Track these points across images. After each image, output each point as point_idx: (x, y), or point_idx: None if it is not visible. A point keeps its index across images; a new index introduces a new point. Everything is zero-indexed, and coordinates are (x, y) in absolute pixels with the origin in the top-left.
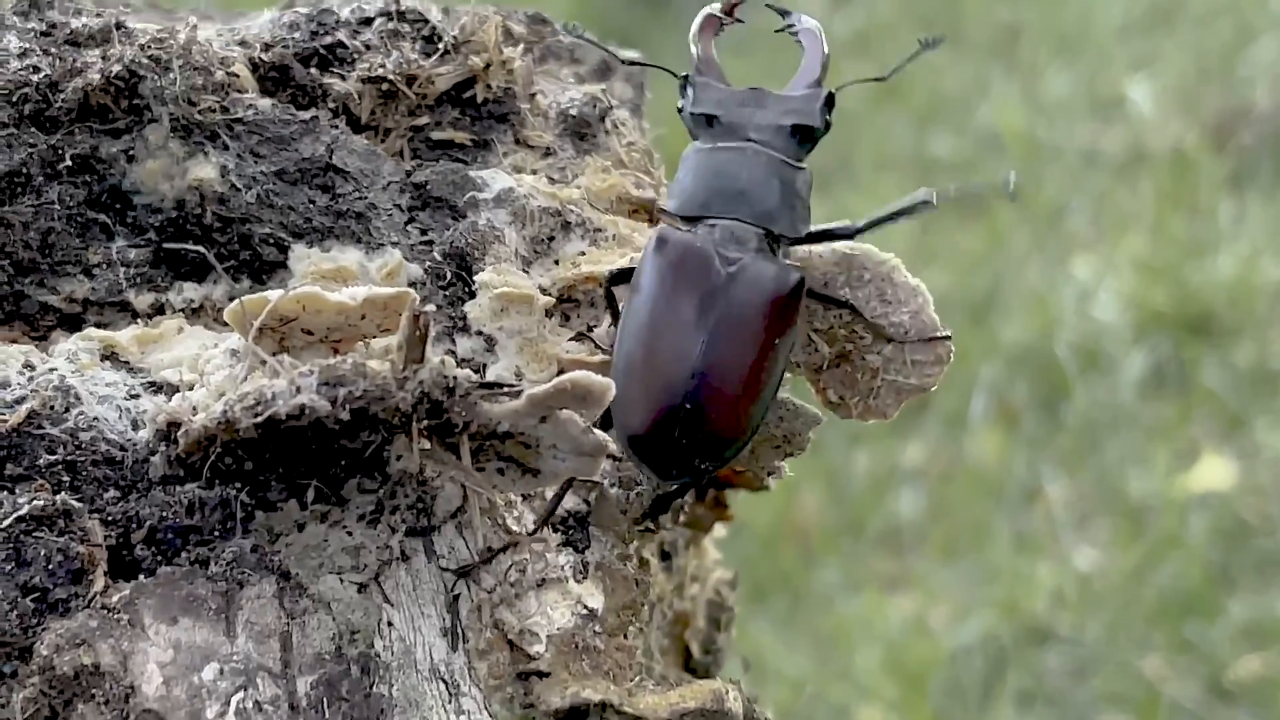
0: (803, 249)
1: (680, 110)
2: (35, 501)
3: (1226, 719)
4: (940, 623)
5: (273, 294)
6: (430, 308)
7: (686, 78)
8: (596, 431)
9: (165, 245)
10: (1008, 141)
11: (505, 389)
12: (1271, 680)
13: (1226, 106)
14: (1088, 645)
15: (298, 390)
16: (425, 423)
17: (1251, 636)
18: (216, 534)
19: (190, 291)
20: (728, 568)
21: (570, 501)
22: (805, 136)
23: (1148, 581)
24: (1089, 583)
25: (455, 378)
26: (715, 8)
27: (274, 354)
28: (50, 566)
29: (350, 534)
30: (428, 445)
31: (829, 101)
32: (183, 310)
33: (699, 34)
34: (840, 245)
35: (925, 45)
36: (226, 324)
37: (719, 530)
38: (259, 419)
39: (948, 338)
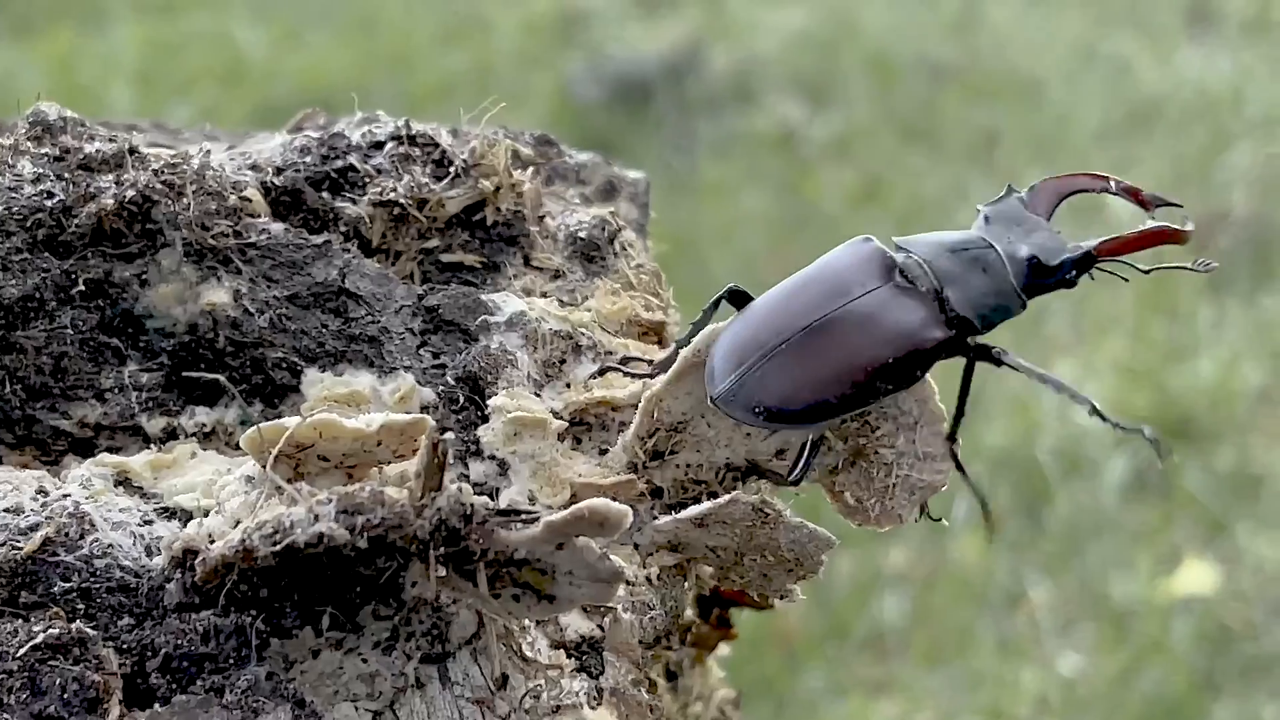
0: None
1: None
2: (50, 630)
3: None
4: None
5: (290, 421)
6: (450, 435)
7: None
8: (613, 558)
9: (183, 373)
10: None
11: (522, 516)
12: None
13: (1204, 211)
14: None
15: (316, 519)
16: (442, 550)
17: None
18: (231, 661)
19: (202, 416)
20: (731, 687)
21: (584, 626)
22: (1037, 273)
23: (1132, 687)
24: (1073, 688)
25: (473, 505)
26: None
27: (290, 480)
28: (65, 696)
29: (365, 661)
30: (444, 572)
31: (1082, 261)
32: (195, 435)
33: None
34: None
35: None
36: (239, 448)
37: (723, 649)
38: (278, 547)
39: (954, 439)
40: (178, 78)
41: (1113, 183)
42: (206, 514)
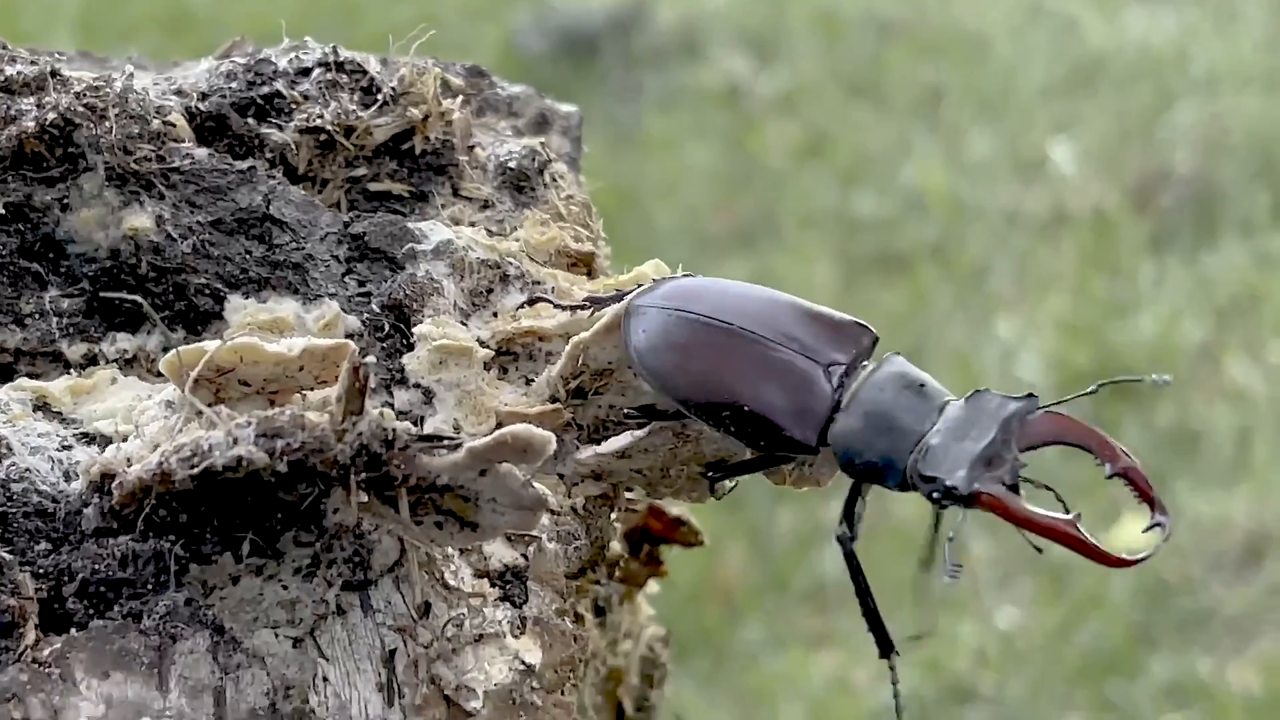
0: None
1: None
2: None
3: None
4: (863, 681)
5: (210, 345)
6: (370, 359)
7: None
8: (536, 485)
9: (101, 294)
10: (930, 201)
11: (445, 442)
12: None
13: (1147, 169)
14: (1009, 704)
15: (235, 442)
16: (363, 475)
17: (1172, 695)
18: (150, 587)
19: (124, 342)
20: (660, 624)
21: (508, 555)
22: (924, 477)
23: (1070, 641)
24: (1011, 642)
25: (395, 430)
26: None
27: (210, 405)
28: None
29: (286, 588)
30: (365, 498)
31: (964, 499)
32: (116, 361)
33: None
34: None
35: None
36: (161, 375)
37: (652, 586)
38: (195, 470)
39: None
40: (121, 25)
41: (1121, 460)
42: (126, 439)
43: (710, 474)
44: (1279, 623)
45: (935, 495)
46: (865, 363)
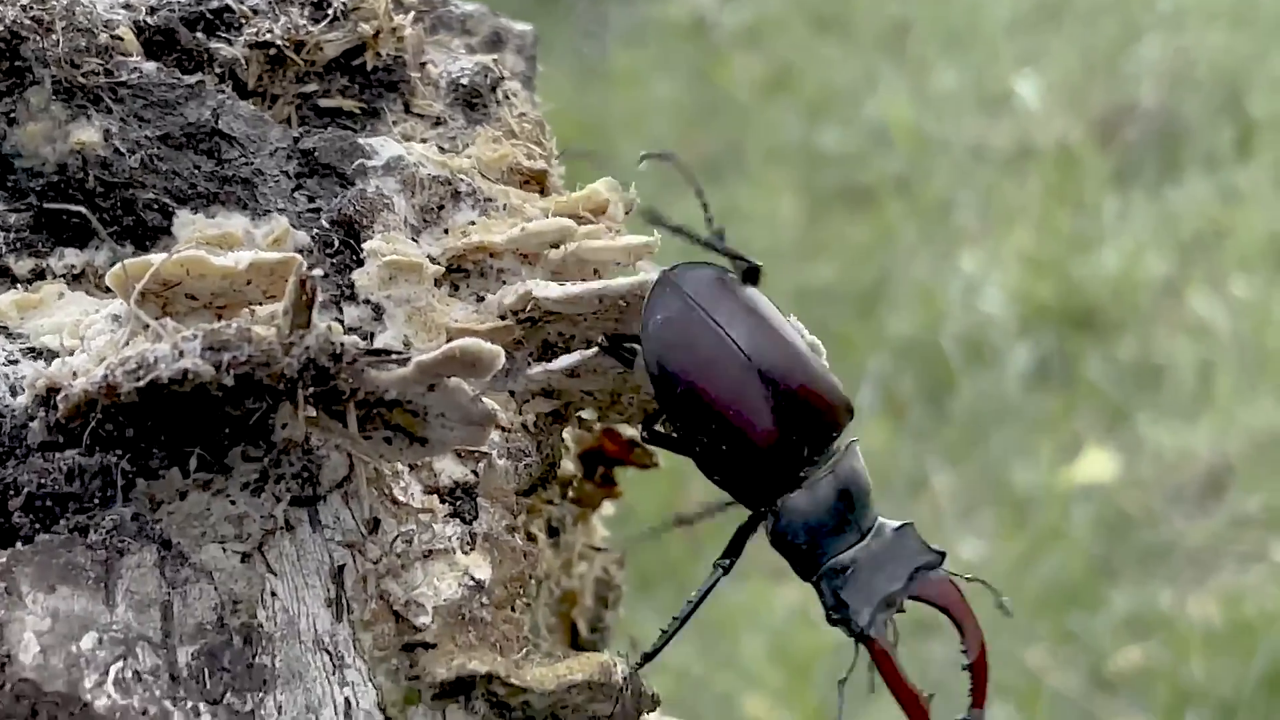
0: None
1: None
2: None
3: (1107, 709)
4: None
5: (155, 257)
6: (317, 273)
7: None
8: (486, 400)
9: (46, 205)
10: (896, 135)
11: (393, 356)
12: (1151, 671)
13: (1112, 103)
14: None
15: (181, 354)
16: (311, 389)
17: (1133, 627)
18: (96, 501)
19: (72, 257)
20: (615, 547)
21: (458, 472)
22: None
23: (1031, 572)
24: (974, 573)
25: (342, 344)
26: None
27: (157, 319)
28: None
29: (234, 503)
30: (313, 413)
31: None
32: (64, 276)
33: None
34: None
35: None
36: (108, 290)
37: (607, 508)
38: (141, 383)
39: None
40: None
41: (977, 654)
42: (72, 353)
43: (644, 434)
44: (1239, 555)
45: (835, 617)
46: (835, 440)
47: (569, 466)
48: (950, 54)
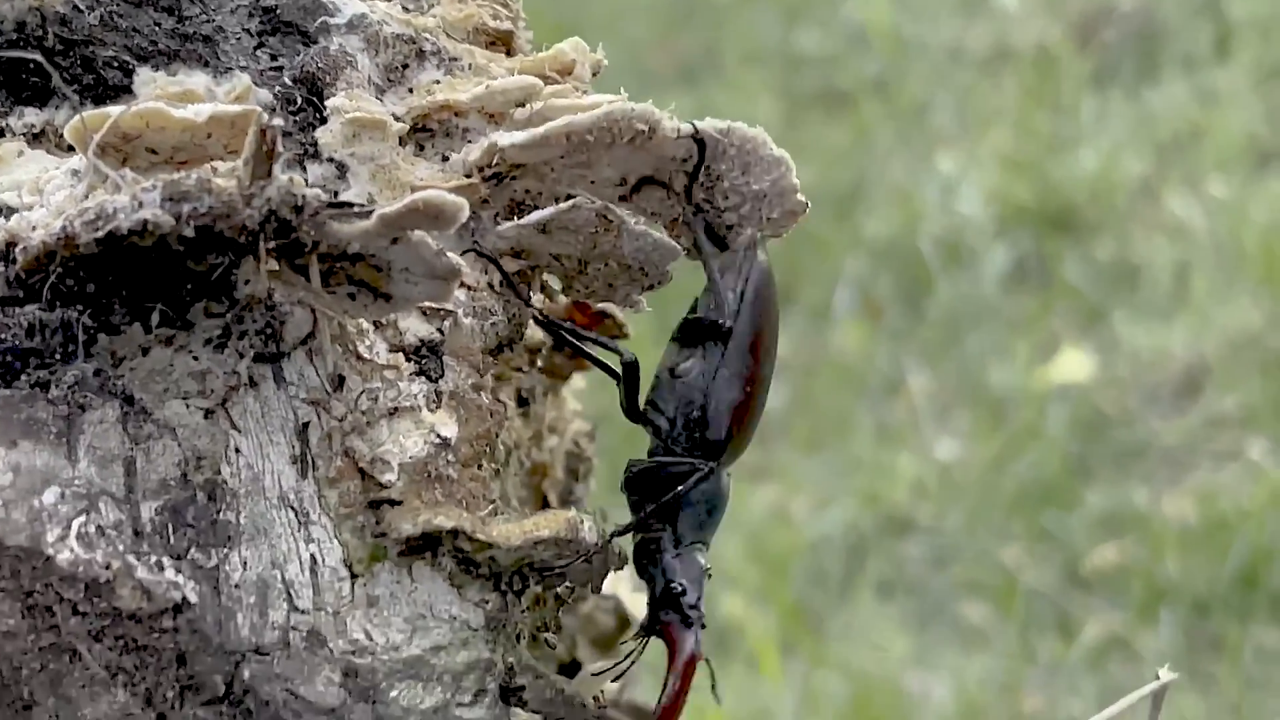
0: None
1: None
2: None
3: (1082, 606)
4: (802, 512)
5: (115, 109)
6: (278, 122)
7: None
8: (451, 255)
9: (2, 54)
10: (873, 36)
11: (355, 209)
12: (1127, 568)
13: (1090, 4)
14: (947, 535)
15: (140, 205)
16: (273, 243)
17: (1108, 525)
18: (58, 357)
19: (31, 116)
20: (586, 420)
21: (424, 330)
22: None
23: (1007, 472)
24: (949, 473)
25: (304, 196)
26: None
27: (117, 171)
28: None
29: (196, 359)
30: (276, 266)
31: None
32: (24, 135)
33: None
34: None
35: None
36: (70, 149)
37: (578, 381)
38: (99, 234)
39: (806, 205)
40: None
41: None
42: (31, 209)
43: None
44: (1215, 453)
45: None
46: None
47: (538, 334)
48: None
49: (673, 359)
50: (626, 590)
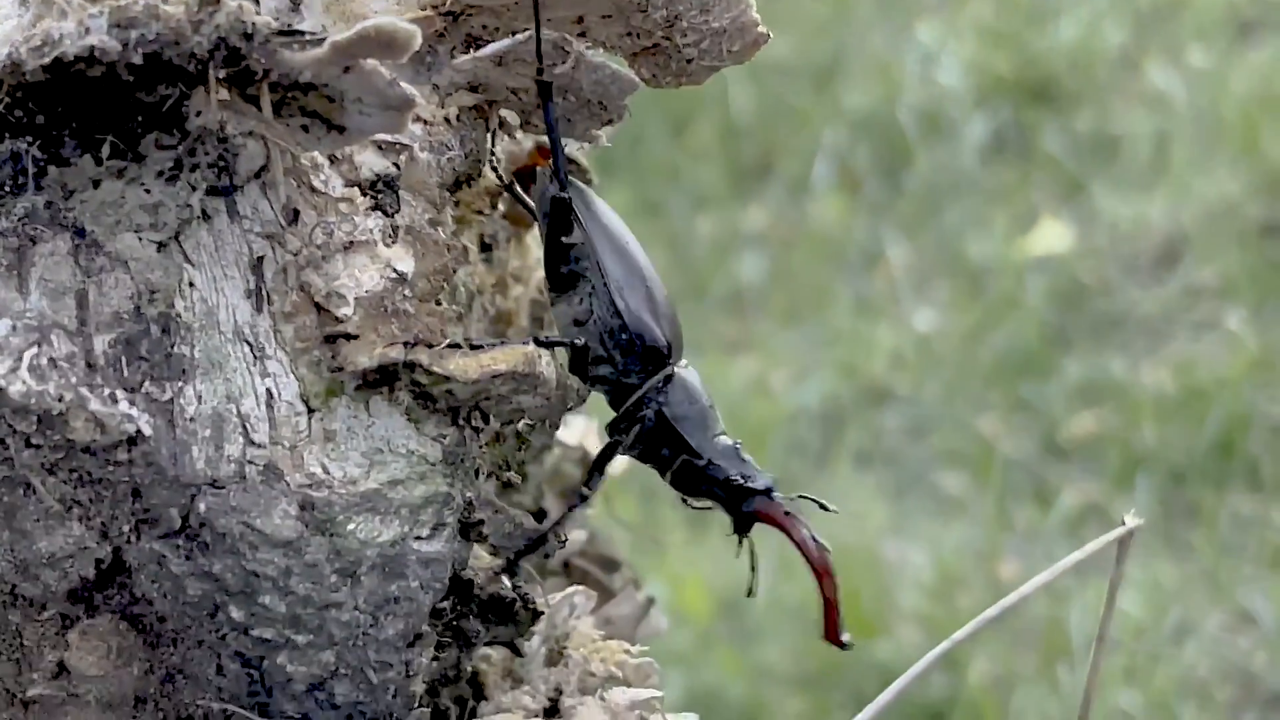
0: None
1: None
2: None
3: (1059, 474)
4: (781, 384)
5: None
6: None
7: None
8: (405, 85)
9: None
10: None
11: (307, 37)
12: (1103, 437)
13: None
14: (925, 405)
15: (87, 30)
16: (223, 71)
17: (1085, 395)
18: (7, 189)
19: None
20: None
21: (380, 164)
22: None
23: (985, 342)
24: (928, 344)
25: (254, 23)
26: None
27: None
28: None
29: (149, 191)
30: (226, 95)
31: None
32: None
33: None
34: None
35: None
36: None
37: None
38: (46, 59)
39: (767, 35)
40: None
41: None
42: None
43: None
44: (1192, 323)
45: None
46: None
47: (494, 177)
48: None
49: (565, 315)
50: (595, 443)
